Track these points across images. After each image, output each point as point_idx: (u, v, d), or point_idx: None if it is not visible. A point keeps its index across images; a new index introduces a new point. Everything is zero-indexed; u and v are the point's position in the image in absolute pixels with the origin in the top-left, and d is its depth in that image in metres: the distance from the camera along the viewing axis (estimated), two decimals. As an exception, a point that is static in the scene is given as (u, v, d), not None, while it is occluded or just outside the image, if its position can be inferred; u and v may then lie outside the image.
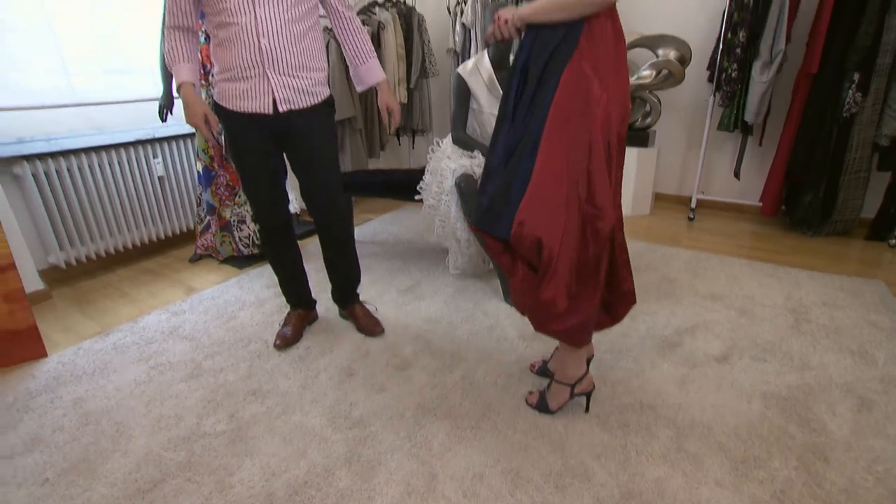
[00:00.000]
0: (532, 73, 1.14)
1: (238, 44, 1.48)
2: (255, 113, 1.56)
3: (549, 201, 1.12)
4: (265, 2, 1.45)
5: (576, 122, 1.10)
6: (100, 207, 2.61)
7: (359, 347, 1.87)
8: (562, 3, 1.07)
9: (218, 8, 1.46)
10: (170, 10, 1.54)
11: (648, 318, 2.04)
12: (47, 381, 1.76)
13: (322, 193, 1.75)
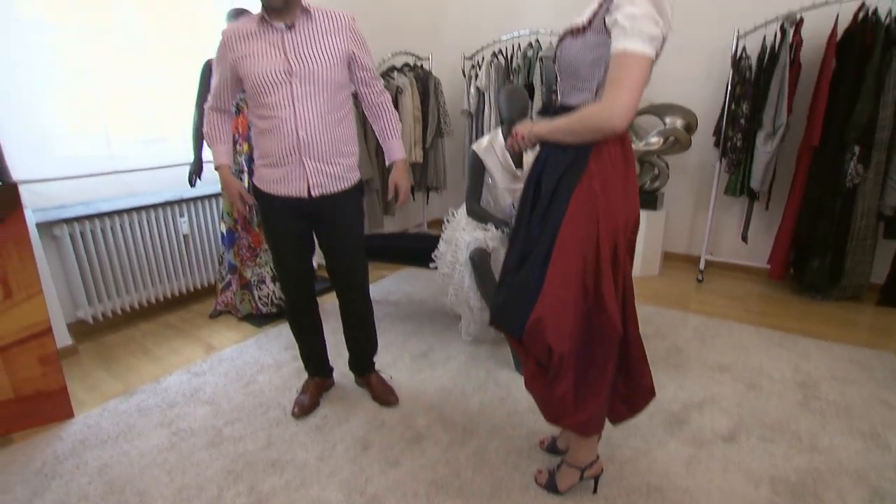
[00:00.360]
0: (545, 188, 1.23)
1: (278, 135, 1.61)
2: (289, 196, 1.68)
3: (561, 305, 1.20)
4: (304, 98, 1.58)
5: (585, 235, 1.19)
6: (127, 264, 2.73)
7: (374, 417, 1.92)
8: (571, 129, 1.17)
9: (261, 102, 1.60)
10: (212, 94, 1.72)
11: (657, 391, 2.06)
12: (73, 445, 1.82)
13: (347, 271, 1.86)
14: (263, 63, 1.55)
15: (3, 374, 1.88)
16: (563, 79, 1.23)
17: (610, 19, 1.07)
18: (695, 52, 3.44)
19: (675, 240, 3.82)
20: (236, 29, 1.60)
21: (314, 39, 1.59)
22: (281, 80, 1.56)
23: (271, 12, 1.55)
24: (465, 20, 4.36)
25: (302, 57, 1.57)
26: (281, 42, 1.56)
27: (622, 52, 1.05)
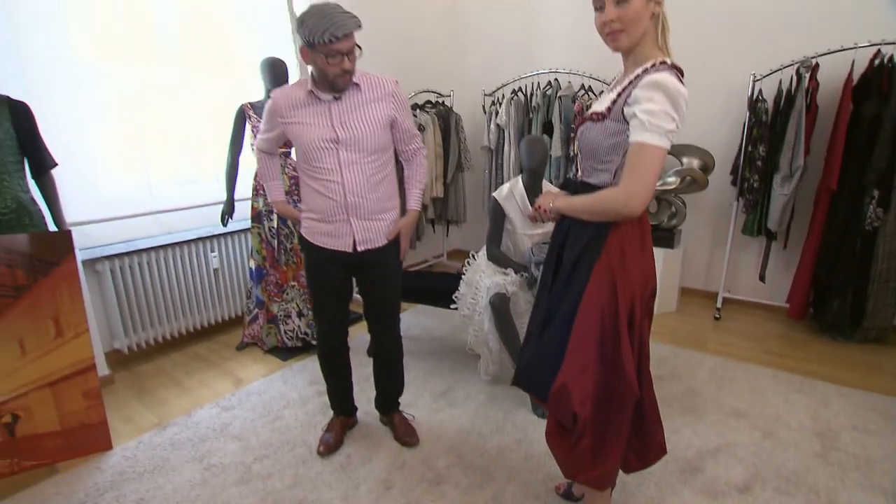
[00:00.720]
0: (567, 259, 1.31)
1: (327, 196, 1.72)
2: (335, 250, 1.79)
3: (582, 370, 1.27)
4: (350, 163, 1.70)
5: (604, 304, 1.25)
6: (161, 296, 2.88)
7: (396, 458, 1.99)
8: (591, 211, 1.26)
9: (313, 165, 1.71)
10: (264, 140, 1.87)
11: (672, 436, 2.11)
12: (113, 477, 1.93)
13: (384, 317, 1.97)
14: (312, 131, 1.67)
15: (51, 407, 2.01)
16: (584, 158, 1.32)
17: (629, 111, 1.16)
18: (712, 92, 3.51)
19: (692, 276, 3.85)
20: (286, 96, 1.71)
21: (359, 109, 1.69)
22: (328, 147, 1.67)
23: (324, 87, 1.66)
24: (486, 59, 4.50)
25: (348, 126, 1.67)
26: (328, 112, 1.67)
27: (640, 144, 1.13)
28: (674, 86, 1.12)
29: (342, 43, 1.53)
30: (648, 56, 1.21)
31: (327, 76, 1.60)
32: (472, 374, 2.62)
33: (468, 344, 2.51)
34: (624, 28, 1.17)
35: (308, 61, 1.62)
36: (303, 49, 1.59)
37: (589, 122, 1.28)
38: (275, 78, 2.66)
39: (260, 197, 2.74)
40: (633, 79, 1.19)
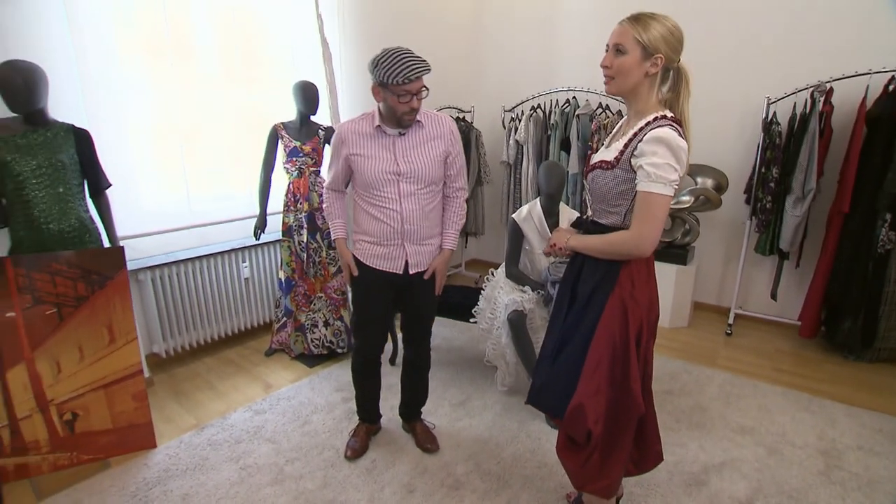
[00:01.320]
0: (581, 291, 1.45)
1: (385, 222, 1.87)
2: (388, 272, 1.94)
3: (595, 391, 1.40)
4: (408, 194, 1.85)
5: (616, 332, 1.39)
6: (196, 304, 3.06)
7: (418, 464, 2.14)
8: (603, 251, 1.39)
9: (373, 193, 1.86)
10: (331, 178, 1.99)
11: (679, 450, 2.22)
12: (159, 473, 2.11)
13: (421, 330, 2.13)
14: (376, 164, 1.82)
15: (104, 407, 2.20)
16: (594, 201, 1.46)
17: (636, 162, 1.30)
18: (728, 113, 3.60)
19: (705, 291, 3.93)
20: (353, 128, 1.85)
21: (421, 145, 1.85)
22: (390, 178, 1.82)
23: (391, 123, 1.81)
24: (506, 76, 4.63)
25: (409, 160, 1.82)
26: (392, 146, 1.82)
27: (648, 193, 1.27)
28: (675, 140, 1.26)
29: (413, 84, 1.69)
30: (648, 109, 1.36)
31: (396, 113, 1.75)
32: (489, 385, 2.75)
33: (486, 356, 2.65)
34: (614, 76, 1.34)
35: (379, 99, 1.77)
36: (375, 88, 1.75)
37: (599, 169, 1.41)
38: (306, 100, 2.84)
39: (290, 213, 2.91)
40: (637, 131, 1.33)
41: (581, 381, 1.40)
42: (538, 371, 1.55)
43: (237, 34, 3.07)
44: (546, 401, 1.50)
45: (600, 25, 4.04)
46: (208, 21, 2.91)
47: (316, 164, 2.90)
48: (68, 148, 2.14)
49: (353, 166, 1.87)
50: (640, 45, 1.29)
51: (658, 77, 1.35)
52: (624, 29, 1.32)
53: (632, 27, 1.30)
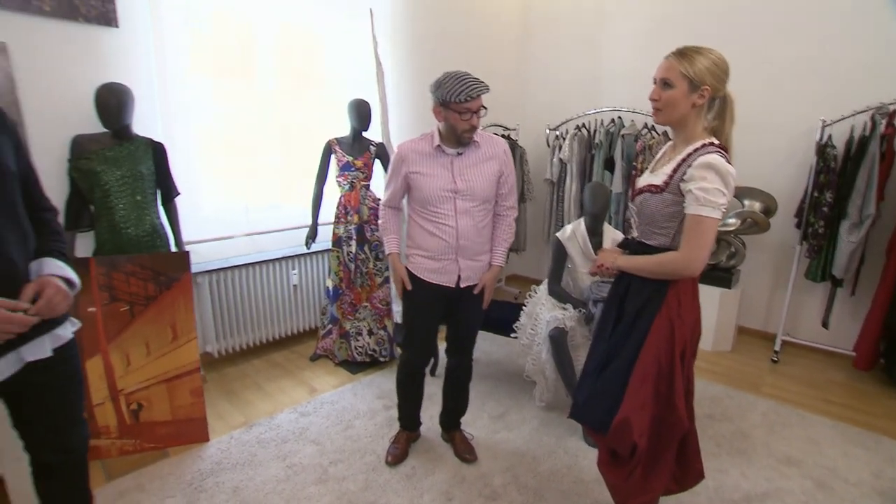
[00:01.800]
0: (629, 309, 1.49)
1: (441, 237, 1.96)
2: (441, 285, 2.03)
3: (640, 407, 1.43)
4: (464, 211, 1.94)
5: (662, 349, 1.43)
6: (247, 307, 3.22)
7: (456, 473, 2.19)
8: (652, 271, 1.44)
9: (430, 210, 1.95)
10: (389, 195, 2.07)
11: (719, 475, 2.19)
12: (212, 466, 2.24)
13: (466, 344, 2.20)
14: (434, 181, 1.91)
15: (165, 400, 2.35)
16: (642, 223, 1.51)
17: (685, 187, 1.35)
18: (778, 135, 3.53)
19: (750, 316, 3.83)
20: (413, 147, 1.95)
21: (478, 164, 1.94)
22: (447, 195, 1.92)
23: (450, 142, 1.91)
24: (551, 95, 4.69)
25: (466, 178, 1.92)
26: (450, 165, 1.92)
27: (699, 217, 1.33)
28: (723, 166, 1.31)
29: (473, 102, 1.80)
30: (695, 136, 1.42)
31: (456, 131, 1.85)
32: (527, 400, 2.78)
33: (525, 371, 2.69)
34: (662, 108, 1.42)
35: (440, 118, 1.88)
36: (436, 108, 1.87)
37: (647, 193, 1.46)
38: (359, 117, 2.98)
39: (341, 224, 3.05)
40: (686, 157, 1.38)
41: (626, 396, 1.43)
42: (581, 386, 1.59)
43: (296, 55, 3.26)
44: (590, 415, 1.53)
45: (646, 47, 4.07)
46: (270, 42, 3.11)
47: (367, 178, 3.03)
48: (147, 160, 2.34)
49: (411, 184, 1.96)
50: (687, 79, 1.36)
51: (704, 107, 1.40)
52: (670, 64, 1.39)
53: (678, 62, 1.37)
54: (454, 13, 4.07)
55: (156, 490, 2.08)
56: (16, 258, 1.24)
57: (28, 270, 1.28)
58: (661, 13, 3.97)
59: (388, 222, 2.11)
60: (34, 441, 1.44)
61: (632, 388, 1.44)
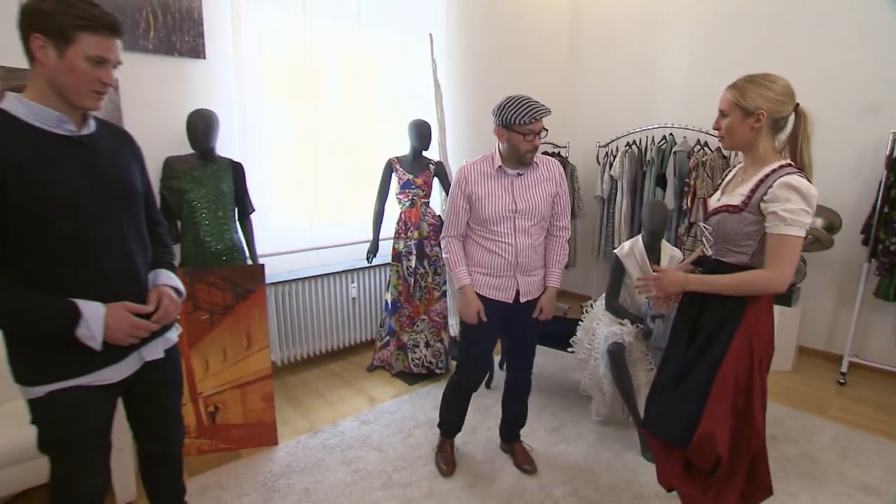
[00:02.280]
0: (705, 325, 1.52)
1: (500, 255, 2.05)
2: (499, 301, 2.11)
3: (721, 420, 1.46)
4: (522, 230, 2.03)
5: (741, 364, 1.46)
6: (309, 319, 3.37)
7: (517, 483, 2.23)
8: (736, 289, 1.46)
9: (489, 229, 2.04)
10: (449, 225, 2.12)
11: (788, 499, 2.14)
12: (282, 468, 2.36)
13: (526, 356, 2.26)
14: (496, 201, 2.00)
15: (239, 404, 2.50)
16: (718, 242, 1.54)
17: (766, 207, 1.40)
18: (843, 146, 3.44)
19: (812, 335, 3.71)
20: (475, 168, 2.04)
21: (536, 185, 2.04)
22: (508, 215, 2.01)
23: (511, 163, 2.00)
24: (601, 113, 4.73)
25: (525, 198, 2.01)
26: (511, 185, 2.01)
27: (785, 236, 1.37)
28: (806, 187, 1.37)
29: (536, 124, 1.89)
30: (766, 159, 1.48)
31: (519, 151, 1.94)
32: (583, 414, 2.80)
33: (581, 386, 2.71)
34: (724, 135, 1.51)
35: (503, 140, 1.97)
36: (499, 130, 1.96)
37: (725, 213, 1.50)
38: (420, 136, 3.12)
39: (401, 240, 3.17)
40: (763, 178, 1.42)
41: (707, 409, 1.46)
42: (655, 401, 1.61)
43: (358, 78, 3.44)
44: (667, 430, 1.56)
45: (697, 63, 4.07)
46: (335, 67, 3.30)
47: (426, 195, 3.16)
48: (228, 179, 2.53)
49: (473, 204, 2.04)
50: (739, 107, 1.45)
51: (764, 129, 1.46)
52: (724, 96, 1.50)
53: (729, 93, 1.48)
54: (505, 32, 4.19)
55: (232, 487, 2.21)
56: (140, 270, 1.40)
57: (147, 280, 1.44)
58: (712, 29, 3.97)
59: (455, 254, 2.11)
60: (142, 433, 1.60)
61: (711, 401, 1.46)
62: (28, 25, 1.15)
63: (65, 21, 1.14)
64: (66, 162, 1.24)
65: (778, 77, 1.46)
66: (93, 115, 1.34)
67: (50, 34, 1.15)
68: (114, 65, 1.25)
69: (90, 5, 1.18)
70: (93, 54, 1.19)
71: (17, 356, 1.28)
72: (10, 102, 1.20)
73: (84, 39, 1.17)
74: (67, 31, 1.15)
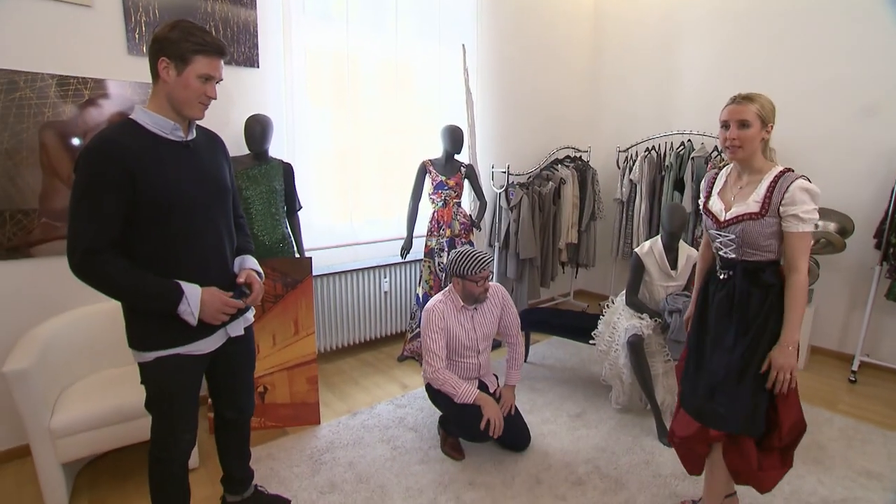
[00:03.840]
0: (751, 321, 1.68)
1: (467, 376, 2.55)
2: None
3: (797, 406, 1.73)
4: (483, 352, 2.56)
5: None
6: (344, 310, 3.60)
7: (542, 461, 2.43)
8: (801, 308, 1.61)
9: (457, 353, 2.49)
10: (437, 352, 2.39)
11: (796, 480, 2.30)
12: (326, 444, 2.58)
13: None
14: (461, 333, 2.46)
15: (286, 386, 2.73)
16: (742, 246, 1.68)
17: (786, 210, 1.59)
18: (857, 154, 3.56)
19: (824, 335, 3.83)
20: (442, 308, 2.42)
21: (487, 314, 2.54)
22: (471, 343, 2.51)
23: (468, 302, 2.42)
24: (621, 119, 4.90)
25: (482, 326, 2.53)
26: (472, 319, 2.49)
27: (804, 233, 1.59)
28: (815, 190, 1.58)
29: (485, 272, 2.33)
30: (762, 166, 1.67)
31: (474, 294, 2.38)
32: (603, 402, 2.98)
33: (602, 375, 2.89)
34: (742, 145, 1.65)
35: (458, 287, 2.40)
36: (455, 280, 2.39)
37: (748, 220, 1.65)
38: (453, 140, 3.33)
39: (433, 237, 3.39)
40: (773, 183, 1.61)
41: (779, 398, 1.68)
42: (719, 400, 1.72)
43: (394, 86, 3.67)
44: (734, 422, 1.69)
45: (716, 72, 4.22)
46: (372, 75, 3.53)
47: (458, 196, 3.37)
48: (279, 178, 2.76)
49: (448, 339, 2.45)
50: (760, 118, 1.62)
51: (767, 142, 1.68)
52: (745, 108, 1.63)
53: (752, 106, 1.62)
54: (532, 42, 4.39)
55: (283, 459, 2.44)
56: (230, 256, 1.64)
57: (234, 264, 1.67)
58: (730, 39, 4.12)
59: (450, 378, 2.39)
60: (220, 400, 1.83)
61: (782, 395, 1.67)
62: (157, 50, 1.39)
63: (185, 47, 1.38)
64: (178, 164, 1.47)
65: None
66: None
67: (172, 57, 1.39)
68: (217, 81, 1.49)
69: (204, 33, 1.42)
70: (202, 73, 1.43)
71: (133, 327, 1.52)
72: (138, 113, 1.44)
73: (198, 61, 1.41)
74: (186, 55, 1.39)
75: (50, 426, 1.97)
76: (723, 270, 1.77)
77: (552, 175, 4.35)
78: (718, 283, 1.79)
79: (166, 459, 1.65)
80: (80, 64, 2.38)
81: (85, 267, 1.38)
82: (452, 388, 2.36)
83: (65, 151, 2.39)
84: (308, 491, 2.21)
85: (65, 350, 2.27)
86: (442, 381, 2.38)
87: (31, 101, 2.27)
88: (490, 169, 4.19)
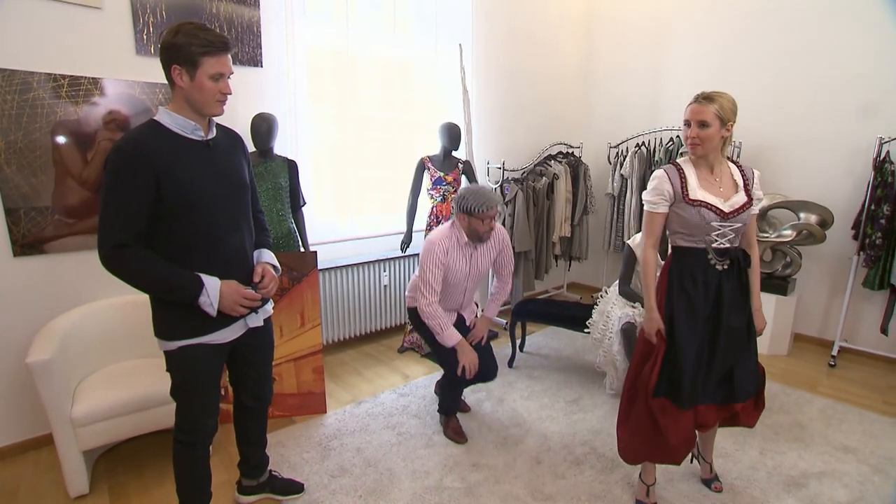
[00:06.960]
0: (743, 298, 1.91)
1: (453, 303, 2.65)
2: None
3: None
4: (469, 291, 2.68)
5: None
6: (345, 303, 3.69)
7: (542, 443, 2.55)
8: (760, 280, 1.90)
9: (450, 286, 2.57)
10: (430, 291, 2.46)
11: (777, 456, 2.45)
12: (333, 431, 2.68)
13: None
14: (460, 270, 2.54)
15: (293, 376, 2.83)
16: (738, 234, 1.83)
17: (756, 195, 1.82)
18: (837, 150, 3.73)
19: (806, 323, 4.00)
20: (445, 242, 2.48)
21: (487, 253, 2.61)
22: (464, 276, 2.59)
23: (473, 239, 2.47)
24: (612, 116, 5.02)
25: (479, 264, 2.59)
26: (470, 256, 2.55)
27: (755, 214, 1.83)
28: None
29: (492, 211, 2.38)
30: (723, 158, 1.85)
31: (478, 232, 2.42)
32: (597, 389, 3.11)
33: (596, 362, 3.02)
34: (701, 143, 1.78)
35: (464, 223, 2.43)
36: (460, 216, 2.42)
37: (747, 210, 1.81)
38: (451, 137, 3.43)
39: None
40: (742, 175, 1.84)
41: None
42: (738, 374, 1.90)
43: (392, 85, 3.75)
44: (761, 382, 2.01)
45: (704, 71, 4.36)
46: (372, 75, 3.62)
47: (456, 191, 3.47)
48: (284, 174, 2.84)
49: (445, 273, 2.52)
50: (719, 119, 1.75)
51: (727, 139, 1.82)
52: (703, 108, 1.74)
53: (711, 106, 1.73)
54: (526, 42, 4.49)
55: (293, 446, 2.54)
56: (249, 250, 1.73)
57: (253, 258, 1.76)
58: (717, 39, 4.26)
59: (441, 316, 2.46)
60: (240, 388, 1.92)
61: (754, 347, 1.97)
62: (168, 59, 1.47)
63: (192, 50, 1.45)
64: (199, 162, 1.56)
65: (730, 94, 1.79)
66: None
67: (183, 63, 1.47)
68: (228, 76, 1.56)
69: (206, 31, 1.49)
70: (213, 72, 1.50)
71: (158, 317, 1.61)
72: (161, 115, 1.52)
73: (206, 62, 1.48)
74: (195, 58, 1.46)
75: (71, 415, 2.05)
76: (720, 262, 1.83)
77: (546, 170, 4.46)
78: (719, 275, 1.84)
79: (190, 443, 1.74)
80: (91, 64, 2.44)
81: (113, 260, 1.47)
82: (439, 327, 2.46)
83: (76, 150, 2.46)
84: (319, 475, 2.31)
85: (80, 343, 2.35)
86: (432, 315, 2.46)
87: (44, 102, 2.33)
88: (486, 165, 4.29)
